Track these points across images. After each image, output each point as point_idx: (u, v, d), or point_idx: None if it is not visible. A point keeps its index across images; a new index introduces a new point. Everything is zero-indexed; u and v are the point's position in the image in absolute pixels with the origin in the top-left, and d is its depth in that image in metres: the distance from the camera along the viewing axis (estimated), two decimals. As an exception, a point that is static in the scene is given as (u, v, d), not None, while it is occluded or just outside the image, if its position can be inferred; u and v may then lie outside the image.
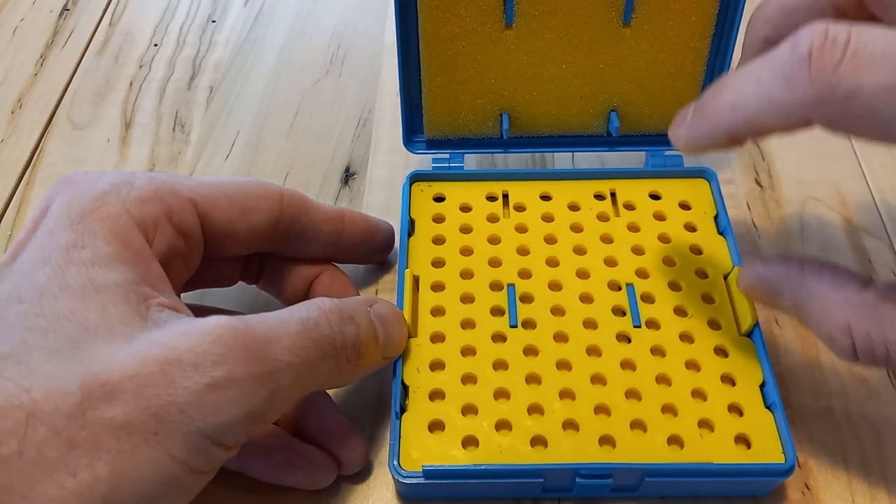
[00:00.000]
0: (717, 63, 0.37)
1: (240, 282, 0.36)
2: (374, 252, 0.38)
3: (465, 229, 0.38)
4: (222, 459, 0.25)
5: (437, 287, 0.36)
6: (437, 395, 0.32)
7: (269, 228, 0.32)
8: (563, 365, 0.33)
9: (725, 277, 0.36)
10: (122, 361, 0.24)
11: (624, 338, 0.34)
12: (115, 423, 0.23)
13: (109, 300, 0.25)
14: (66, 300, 0.25)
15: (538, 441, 0.31)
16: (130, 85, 0.50)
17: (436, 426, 0.32)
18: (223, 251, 0.32)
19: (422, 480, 0.30)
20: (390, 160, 0.45)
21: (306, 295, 0.35)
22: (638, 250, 0.37)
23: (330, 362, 0.28)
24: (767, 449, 0.31)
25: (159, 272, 0.28)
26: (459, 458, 0.31)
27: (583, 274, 0.36)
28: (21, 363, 0.23)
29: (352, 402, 0.35)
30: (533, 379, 0.33)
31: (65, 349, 0.24)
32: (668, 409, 0.32)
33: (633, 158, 0.43)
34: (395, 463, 0.30)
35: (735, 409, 0.32)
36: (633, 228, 0.38)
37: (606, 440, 0.31)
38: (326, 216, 0.34)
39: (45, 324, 0.24)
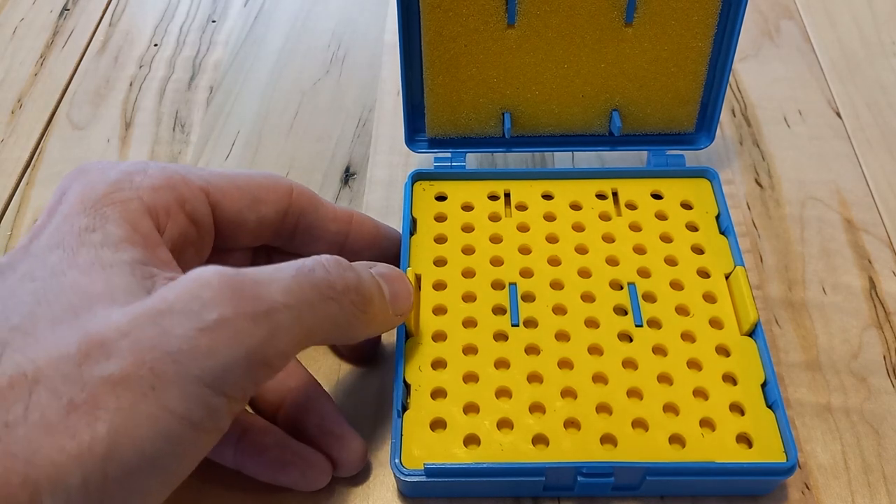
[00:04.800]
0: (718, 62, 0.38)
1: None
2: (379, 258, 0.37)
3: (467, 228, 0.38)
4: (226, 413, 0.24)
5: (439, 286, 0.36)
6: (438, 393, 0.32)
7: (277, 220, 0.32)
8: (565, 364, 0.33)
9: (727, 277, 0.36)
10: (116, 320, 0.24)
11: (625, 337, 0.34)
12: (112, 381, 0.22)
13: (115, 273, 0.25)
14: (72, 275, 0.25)
15: (540, 440, 0.31)
16: (130, 85, 0.50)
17: (437, 424, 0.32)
18: (232, 241, 0.32)
19: (423, 479, 0.30)
20: (390, 160, 0.45)
21: None
22: (640, 249, 0.37)
23: (332, 305, 0.27)
24: (769, 448, 0.31)
25: (167, 257, 0.28)
26: (461, 456, 0.31)
27: (584, 273, 0.36)
28: (28, 334, 0.23)
29: (353, 400, 0.35)
30: (534, 378, 0.33)
31: (67, 317, 0.24)
32: (670, 408, 0.32)
33: (633, 158, 0.43)
34: (397, 461, 0.30)
35: (736, 409, 0.32)
36: (635, 228, 0.38)
37: (608, 439, 0.31)
38: (334, 215, 0.34)
39: (52, 297, 0.24)
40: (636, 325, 0.34)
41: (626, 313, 0.35)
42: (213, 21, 0.54)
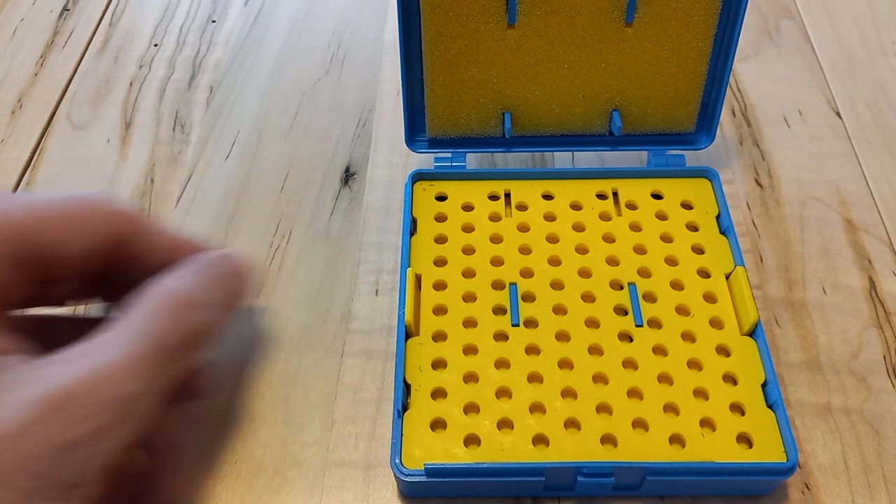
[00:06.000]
0: (718, 62, 0.38)
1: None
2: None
3: (468, 228, 0.38)
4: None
5: (440, 286, 0.36)
6: (439, 393, 0.32)
7: (98, 249, 0.29)
8: (565, 364, 0.33)
9: (727, 277, 0.36)
10: None
11: (626, 337, 0.34)
12: None
13: None
14: None
15: (540, 440, 0.31)
16: (130, 85, 0.50)
17: (438, 425, 0.32)
18: (52, 273, 0.29)
19: (424, 479, 0.30)
20: (390, 160, 0.45)
21: None
22: (640, 249, 0.37)
23: (183, 359, 0.27)
24: (769, 448, 0.31)
25: None
26: (461, 456, 0.31)
27: (585, 273, 0.36)
28: None
29: (353, 400, 0.35)
30: (535, 378, 0.33)
31: None
32: (670, 409, 0.32)
33: (633, 158, 0.43)
34: (398, 461, 0.30)
35: (737, 409, 0.32)
36: (635, 228, 0.38)
37: (608, 439, 0.31)
38: (162, 244, 0.31)
39: None
40: (636, 325, 0.34)
41: (626, 313, 0.35)
42: (213, 21, 0.54)
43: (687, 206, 0.39)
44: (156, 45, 0.52)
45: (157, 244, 0.31)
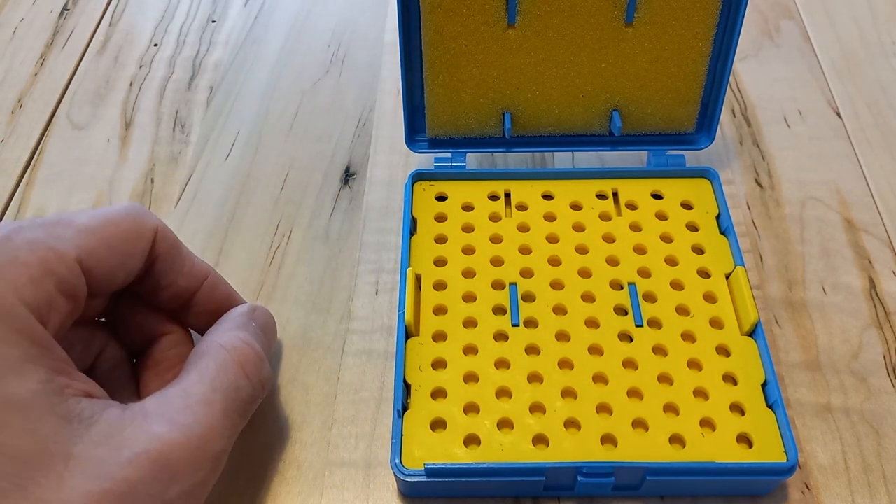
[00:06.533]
0: (718, 62, 0.38)
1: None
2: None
3: (468, 228, 0.38)
4: None
5: (440, 286, 0.36)
6: (439, 393, 0.33)
7: (138, 270, 0.31)
8: (565, 364, 0.33)
9: (727, 277, 0.36)
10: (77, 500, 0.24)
11: (626, 337, 0.34)
12: None
13: (35, 418, 0.24)
14: None
15: (540, 440, 0.31)
16: (130, 85, 0.50)
17: (438, 425, 0.32)
18: (95, 294, 0.30)
19: (424, 478, 0.30)
20: (390, 160, 0.45)
21: (149, 350, 0.33)
22: (640, 249, 0.37)
23: (251, 412, 0.30)
24: (769, 448, 0.31)
25: (62, 355, 0.26)
26: (461, 456, 0.31)
27: (585, 273, 0.36)
28: None
29: (352, 400, 0.35)
30: (535, 378, 0.33)
31: (12, 494, 0.23)
32: (670, 409, 0.32)
33: (633, 158, 0.43)
34: (398, 461, 0.30)
35: (737, 409, 0.32)
36: (635, 228, 0.38)
37: (608, 439, 0.31)
38: (189, 269, 0.32)
39: None
40: (636, 325, 0.34)
41: (626, 313, 0.35)
42: (213, 21, 0.54)
43: (687, 206, 0.39)
44: (156, 45, 0.52)
45: (185, 268, 0.32)
